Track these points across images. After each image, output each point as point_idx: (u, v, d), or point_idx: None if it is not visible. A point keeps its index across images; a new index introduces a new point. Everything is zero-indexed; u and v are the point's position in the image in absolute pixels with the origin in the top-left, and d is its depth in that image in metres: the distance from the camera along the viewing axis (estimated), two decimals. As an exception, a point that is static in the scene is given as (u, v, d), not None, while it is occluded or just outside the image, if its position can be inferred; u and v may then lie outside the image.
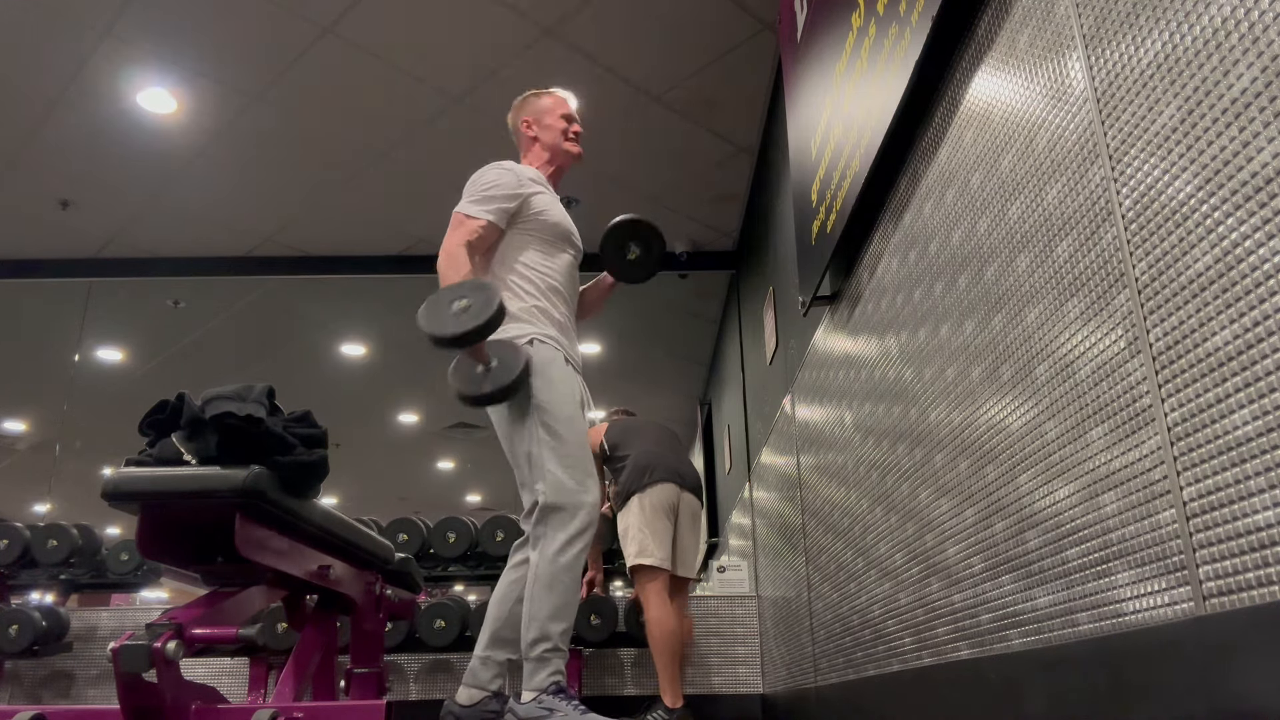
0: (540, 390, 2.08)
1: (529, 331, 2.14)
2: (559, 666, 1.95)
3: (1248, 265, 1.03)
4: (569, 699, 1.91)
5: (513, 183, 2.23)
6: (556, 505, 2.00)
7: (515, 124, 2.43)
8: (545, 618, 1.95)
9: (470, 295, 1.89)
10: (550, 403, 2.07)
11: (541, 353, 2.12)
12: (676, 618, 3.53)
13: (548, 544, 1.99)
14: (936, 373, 2.01)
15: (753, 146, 4.69)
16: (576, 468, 2.03)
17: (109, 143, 4.54)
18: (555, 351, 2.14)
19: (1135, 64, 1.26)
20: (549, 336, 2.15)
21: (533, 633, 1.95)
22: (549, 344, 2.14)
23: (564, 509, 2.00)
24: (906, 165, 2.23)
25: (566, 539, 1.98)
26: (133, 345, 6.78)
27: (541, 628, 1.95)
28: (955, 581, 1.91)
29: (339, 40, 3.89)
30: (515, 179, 2.24)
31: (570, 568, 1.97)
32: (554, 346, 2.14)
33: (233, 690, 4.20)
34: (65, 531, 4.32)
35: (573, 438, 2.05)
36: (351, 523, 2.16)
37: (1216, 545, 1.08)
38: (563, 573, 1.97)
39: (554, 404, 2.07)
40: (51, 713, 1.67)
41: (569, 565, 1.97)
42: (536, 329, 2.15)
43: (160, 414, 1.77)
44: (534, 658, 1.94)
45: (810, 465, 3.36)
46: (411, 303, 2.01)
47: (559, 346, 2.15)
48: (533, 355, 2.10)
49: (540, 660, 1.94)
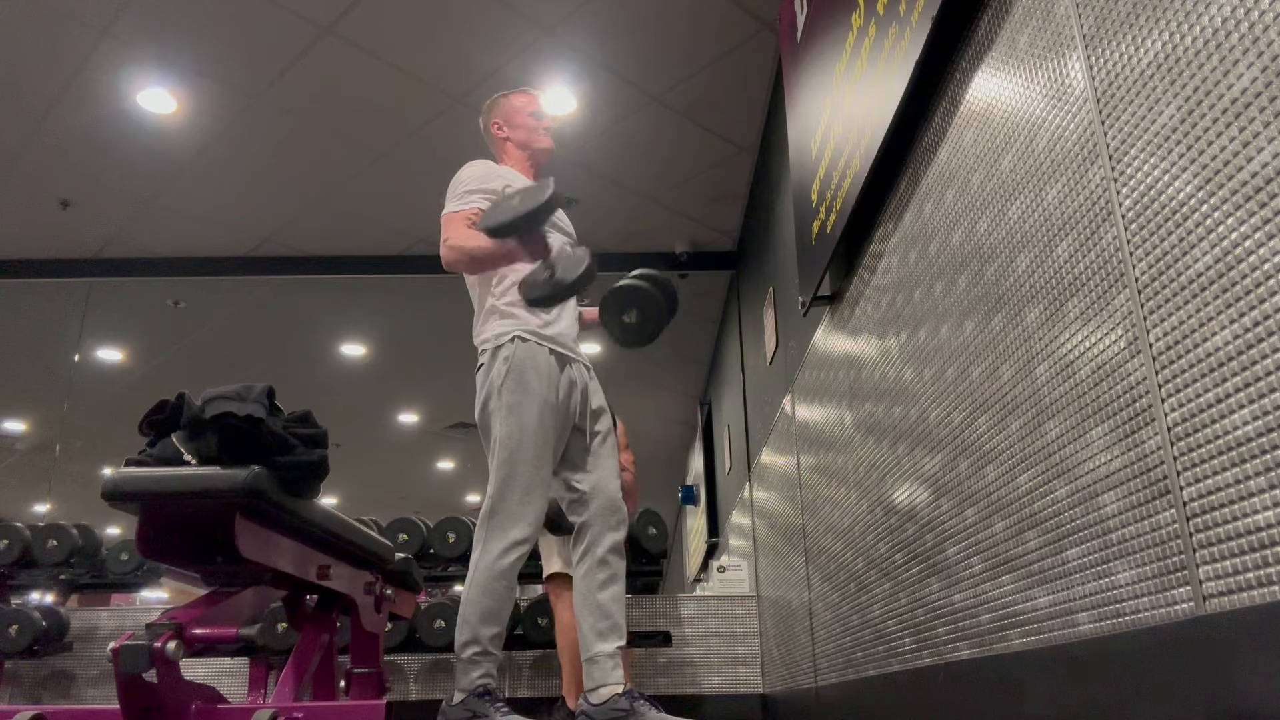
0: (511, 393, 2.09)
1: (511, 328, 2.15)
2: (489, 669, 2.00)
3: (1248, 265, 1.03)
4: (494, 702, 1.96)
5: (488, 174, 2.27)
6: (498, 511, 2.03)
7: (486, 128, 2.44)
8: (477, 621, 2.00)
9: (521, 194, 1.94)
10: (517, 406, 2.08)
11: (520, 352, 2.12)
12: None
13: (486, 549, 2.03)
14: (936, 373, 2.01)
15: (753, 146, 4.69)
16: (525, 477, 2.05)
17: (109, 143, 4.54)
18: (537, 348, 2.14)
19: (1135, 64, 1.26)
20: (530, 331, 2.15)
21: (465, 635, 2.01)
22: (531, 340, 2.14)
23: (505, 515, 2.03)
24: (906, 165, 2.23)
25: (504, 547, 2.02)
26: (133, 345, 6.78)
27: (473, 631, 2.00)
28: (955, 581, 1.91)
29: (339, 40, 3.89)
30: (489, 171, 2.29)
31: (505, 574, 2.01)
32: (536, 342, 2.14)
33: (233, 690, 4.20)
34: (65, 531, 4.32)
35: (529, 448, 2.07)
36: (351, 523, 2.16)
37: (1216, 545, 1.08)
38: (497, 579, 2.01)
39: (520, 408, 2.08)
40: (51, 713, 1.67)
41: (504, 572, 2.01)
42: (519, 325, 2.16)
43: (160, 414, 1.77)
44: (465, 659, 1.99)
45: (810, 465, 3.36)
46: (411, 303, 2.02)
47: (543, 341, 2.16)
48: (511, 355, 2.11)
49: (471, 662, 1.99)
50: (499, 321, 2.17)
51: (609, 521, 2.15)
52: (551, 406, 2.12)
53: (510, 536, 2.03)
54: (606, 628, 2.08)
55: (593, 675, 2.05)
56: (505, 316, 2.17)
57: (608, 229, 5.33)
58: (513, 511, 2.04)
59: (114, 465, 1.77)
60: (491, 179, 2.24)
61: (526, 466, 2.06)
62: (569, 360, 2.22)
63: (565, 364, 2.20)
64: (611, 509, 2.16)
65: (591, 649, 2.06)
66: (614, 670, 2.03)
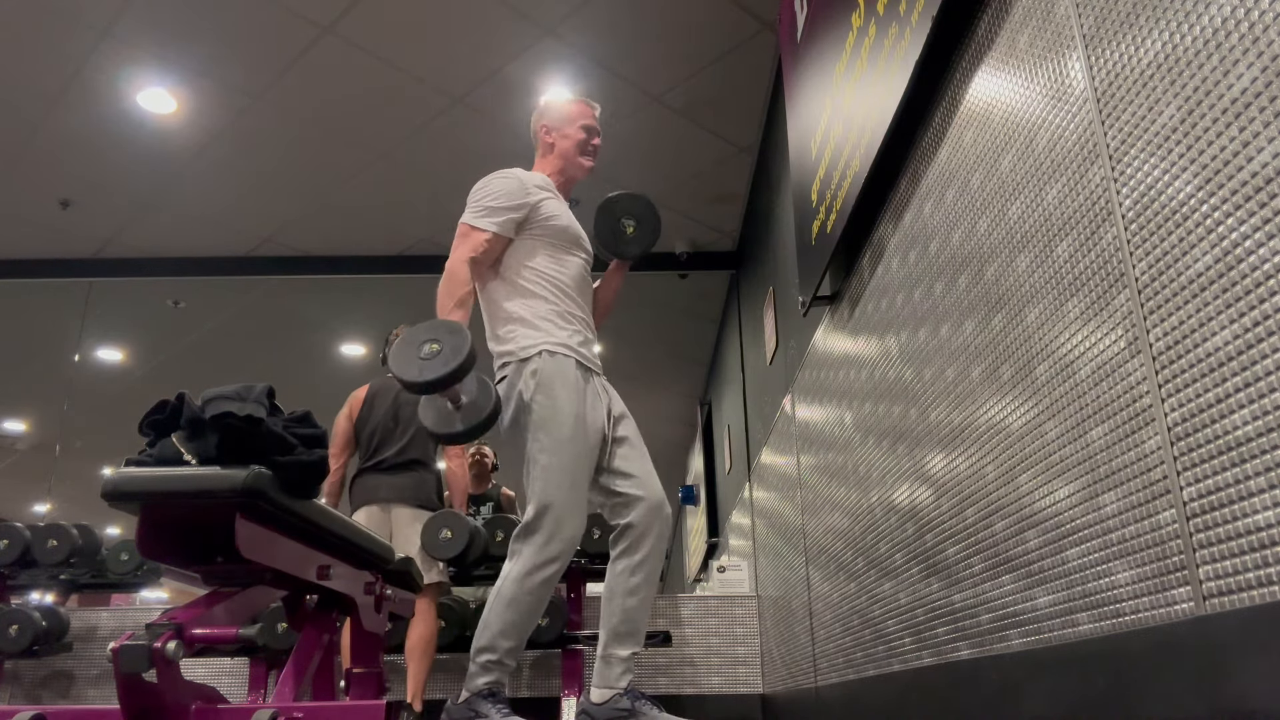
0: (542, 407, 2.06)
1: (539, 341, 2.11)
2: (498, 678, 1.99)
3: (1248, 265, 1.03)
4: (496, 703, 1.95)
5: (518, 191, 2.20)
6: (535, 528, 2.02)
7: (535, 127, 2.39)
8: (496, 632, 1.99)
9: (442, 339, 1.86)
10: (549, 421, 2.06)
11: (549, 366, 2.09)
12: None
13: (518, 563, 2.01)
14: (936, 373, 2.00)
15: (753, 146, 4.69)
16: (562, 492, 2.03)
17: (109, 143, 4.54)
18: (565, 360, 2.12)
19: (1135, 64, 1.26)
20: (560, 344, 2.13)
21: (482, 640, 2.00)
22: (559, 353, 2.11)
23: (541, 532, 2.01)
24: (906, 165, 2.23)
25: (536, 563, 2.00)
26: (133, 345, 6.79)
27: (491, 639, 1.99)
28: (955, 581, 1.91)
29: (339, 40, 3.89)
30: (520, 187, 2.21)
31: (534, 591, 2.00)
32: (564, 354, 2.12)
33: (233, 690, 4.20)
34: (65, 531, 4.32)
35: (565, 462, 2.05)
36: (351, 523, 2.16)
37: (1216, 545, 1.08)
38: (525, 595, 1.99)
39: (553, 424, 2.05)
40: (51, 713, 1.67)
41: (533, 589, 2.00)
42: (546, 339, 2.13)
43: (160, 414, 1.77)
44: (478, 664, 1.99)
45: (810, 465, 3.36)
46: (411, 303, 2.01)
47: (570, 352, 2.14)
48: (540, 369, 2.09)
49: (483, 668, 1.99)
50: (525, 332, 2.13)
51: (652, 523, 2.11)
52: (583, 420, 2.09)
53: (545, 554, 2.00)
54: (626, 632, 2.07)
55: (602, 674, 2.04)
56: (531, 328, 2.13)
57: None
58: (549, 529, 2.01)
59: (114, 465, 1.77)
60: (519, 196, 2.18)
61: (564, 482, 2.03)
62: (593, 373, 2.20)
63: (590, 376, 2.18)
64: (656, 510, 2.12)
65: (607, 648, 2.05)
66: (623, 675, 2.03)
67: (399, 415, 3.64)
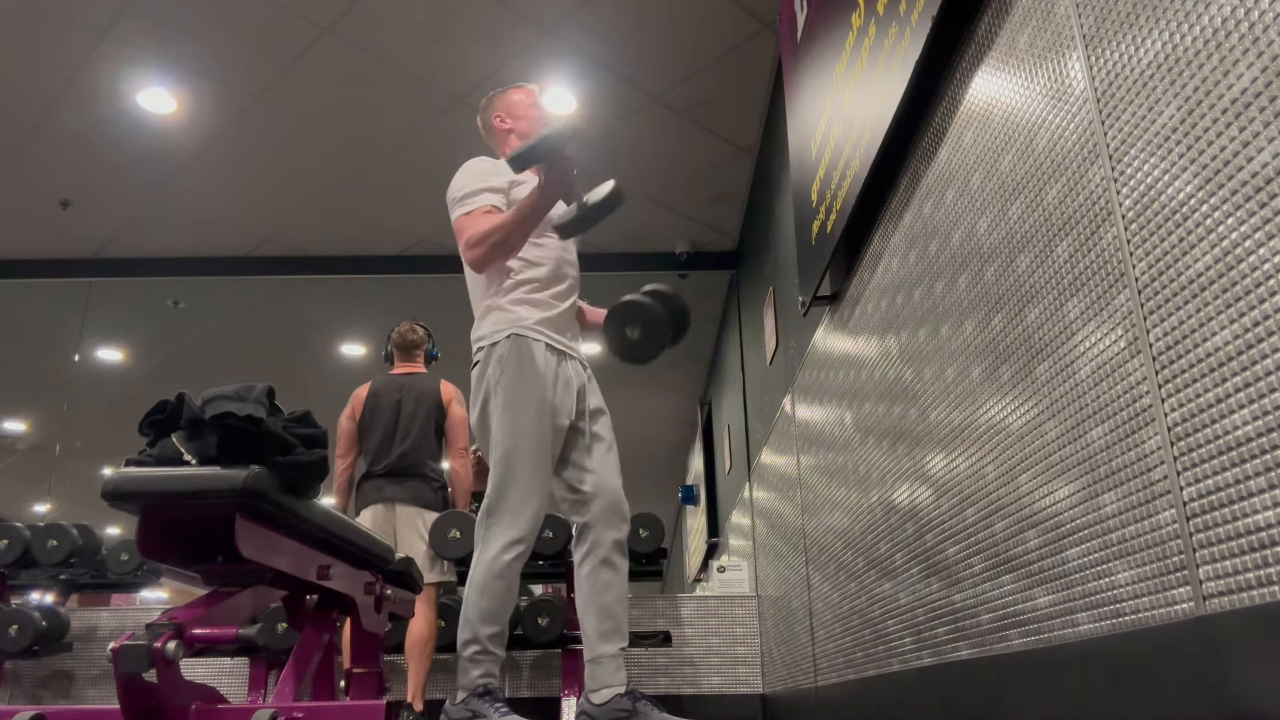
0: (506, 391, 2.08)
1: (508, 325, 2.12)
2: (489, 669, 2.00)
3: (1248, 265, 1.03)
4: (494, 702, 1.95)
5: (489, 171, 2.22)
6: (498, 510, 2.02)
7: (488, 121, 2.40)
8: (476, 620, 2.00)
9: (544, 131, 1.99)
10: (513, 404, 2.07)
11: (517, 349, 2.10)
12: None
13: (486, 547, 2.02)
14: (936, 373, 2.01)
15: (753, 146, 4.69)
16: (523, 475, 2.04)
17: (109, 143, 4.54)
18: (534, 343, 2.12)
19: (1135, 64, 1.26)
20: (529, 327, 2.13)
21: (465, 634, 2.01)
22: (528, 336, 2.12)
23: (505, 515, 2.02)
24: (906, 165, 2.23)
25: (503, 545, 2.01)
26: (133, 345, 6.78)
27: (473, 630, 2.00)
28: (955, 581, 1.91)
29: (339, 40, 3.89)
30: (490, 166, 2.24)
31: (503, 573, 2.01)
32: (534, 337, 2.13)
33: (233, 690, 4.20)
34: (65, 531, 4.32)
35: (527, 446, 2.05)
36: (351, 523, 2.16)
37: (1216, 545, 1.08)
38: (496, 578, 2.00)
39: (517, 406, 2.07)
40: (51, 713, 1.67)
41: (502, 571, 2.01)
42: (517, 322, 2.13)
43: (160, 414, 1.77)
44: (466, 658, 2.00)
45: (810, 465, 3.36)
46: (411, 303, 2.01)
47: (540, 335, 2.14)
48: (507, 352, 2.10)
49: (471, 661, 1.99)
50: (496, 317, 2.15)
51: (611, 521, 2.13)
52: (549, 403, 2.10)
53: (509, 535, 2.02)
54: (610, 629, 2.08)
55: (596, 676, 2.04)
56: (503, 312, 2.16)
57: (608, 229, 5.31)
58: (511, 510, 2.03)
59: (114, 465, 1.77)
60: (495, 174, 2.21)
61: (525, 464, 2.05)
62: (566, 356, 2.20)
63: (562, 359, 2.18)
64: (614, 509, 2.15)
65: (595, 650, 2.06)
66: (617, 672, 2.03)
67: (401, 416, 3.65)
